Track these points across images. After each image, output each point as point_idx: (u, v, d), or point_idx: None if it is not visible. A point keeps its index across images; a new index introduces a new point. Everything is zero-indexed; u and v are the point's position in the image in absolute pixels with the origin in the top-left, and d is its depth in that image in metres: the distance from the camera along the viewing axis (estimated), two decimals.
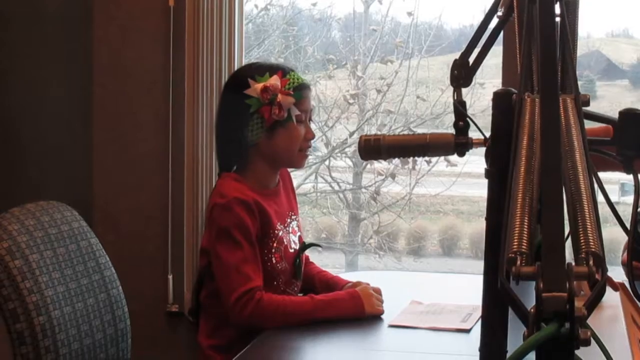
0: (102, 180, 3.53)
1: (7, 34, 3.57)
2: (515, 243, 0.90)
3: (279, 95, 2.56)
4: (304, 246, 2.71)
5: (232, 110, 2.62)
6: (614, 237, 3.76)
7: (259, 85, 2.57)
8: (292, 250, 2.65)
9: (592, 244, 0.88)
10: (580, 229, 0.90)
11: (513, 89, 1.38)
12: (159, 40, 3.46)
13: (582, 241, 0.89)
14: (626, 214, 1.39)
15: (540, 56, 1.04)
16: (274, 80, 2.57)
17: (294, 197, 2.80)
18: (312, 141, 2.70)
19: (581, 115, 1.14)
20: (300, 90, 2.61)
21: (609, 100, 5.11)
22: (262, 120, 2.58)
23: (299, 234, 2.72)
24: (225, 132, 2.66)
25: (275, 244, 2.57)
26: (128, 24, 3.50)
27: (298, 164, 2.76)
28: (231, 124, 2.62)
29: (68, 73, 3.56)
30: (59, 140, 3.56)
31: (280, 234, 2.59)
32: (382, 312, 2.50)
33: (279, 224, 2.60)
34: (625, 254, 2.72)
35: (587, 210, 0.93)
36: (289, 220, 2.67)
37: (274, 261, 2.57)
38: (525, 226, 0.91)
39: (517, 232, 0.91)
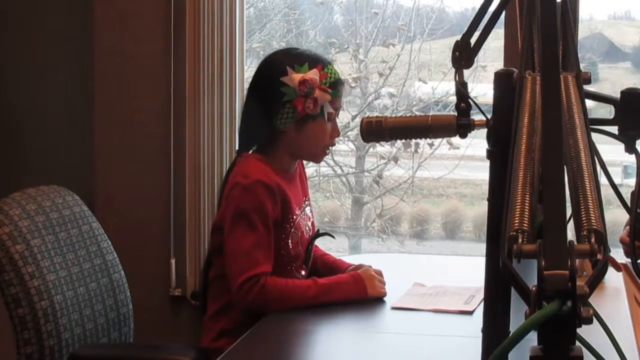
0: (103, 164, 3.52)
1: (7, 19, 3.56)
2: (517, 221, 0.88)
3: (316, 91, 2.52)
4: (318, 234, 2.69)
5: (265, 94, 2.58)
6: (618, 219, 3.75)
7: (297, 76, 2.52)
8: (307, 237, 2.63)
9: (594, 221, 0.87)
10: (582, 207, 0.89)
11: (514, 69, 1.38)
12: (160, 25, 3.44)
13: (583, 219, 0.88)
14: (629, 196, 1.38)
15: (541, 34, 1.03)
16: (313, 74, 2.52)
17: (307, 183, 2.78)
18: (336, 139, 2.67)
19: (582, 92, 1.13)
20: (337, 87, 2.58)
21: (611, 82, 5.09)
22: (294, 111, 2.54)
23: (312, 219, 2.70)
24: (253, 114, 2.62)
25: (293, 230, 2.55)
26: (128, 9, 3.48)
27: (318, 160, 2.76)
28: (261, 108, 2.58)
29: (69, 58, 3.55)
30: (60, 125, 3.55)
31: (297, 219, 2.57)
32: (384, 294, 2.50)
33: (297, 209, 2.58)
34: (624, 231, 2.72)
35: (588, 188, 0.92)
36: (304, 205, 2.66)
37: (290, 246, 2.55)
38: (527, 204, 0.90)
39: (518, 210, 0.90)
